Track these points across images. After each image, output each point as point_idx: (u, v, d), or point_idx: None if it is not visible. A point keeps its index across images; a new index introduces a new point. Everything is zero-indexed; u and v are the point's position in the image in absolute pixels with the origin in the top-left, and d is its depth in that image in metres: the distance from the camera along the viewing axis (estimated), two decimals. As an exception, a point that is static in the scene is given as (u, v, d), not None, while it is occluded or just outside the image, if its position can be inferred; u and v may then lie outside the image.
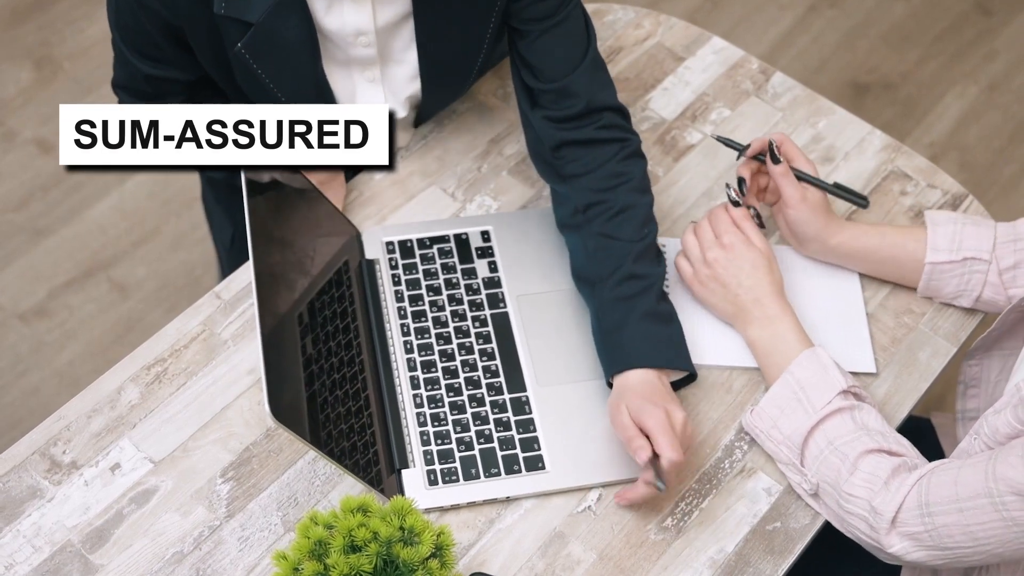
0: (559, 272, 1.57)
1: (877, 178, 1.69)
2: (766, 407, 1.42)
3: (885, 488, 1.32)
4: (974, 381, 1.62)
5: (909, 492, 1.31)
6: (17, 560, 1.33)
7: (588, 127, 1.51)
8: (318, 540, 1.20)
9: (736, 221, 1.52)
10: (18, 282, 2.61)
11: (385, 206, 1.63)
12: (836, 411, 1.38)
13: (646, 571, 1.36)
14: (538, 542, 1.37)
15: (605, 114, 1.52)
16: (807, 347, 1.44)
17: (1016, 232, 1.52)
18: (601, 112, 1.51)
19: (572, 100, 1.50)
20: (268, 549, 1.35)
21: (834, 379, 1.40)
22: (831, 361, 1.42)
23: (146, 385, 1.46)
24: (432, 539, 1.20)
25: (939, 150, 2.91)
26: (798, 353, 1.43)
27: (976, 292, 1.53)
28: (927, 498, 1.29)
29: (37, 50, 2.98)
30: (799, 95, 1.77)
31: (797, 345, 1.44)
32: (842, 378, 1.40)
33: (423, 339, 1.50)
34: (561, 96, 1.50)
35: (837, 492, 1.36)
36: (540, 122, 1.52)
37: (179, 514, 1.37)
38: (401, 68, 1.55)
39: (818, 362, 1.42)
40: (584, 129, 1.51)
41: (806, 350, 1.43)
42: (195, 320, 1.51)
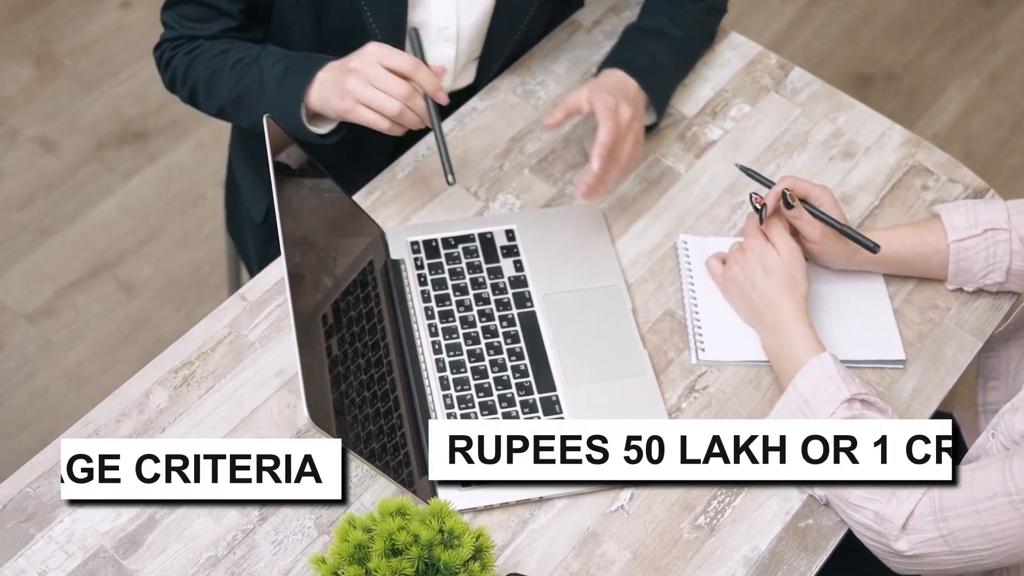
0: (586, 270, 1.57)
1: (898, 173, 1.69)
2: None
3: (893, 496, 1.32)
4: (993, 373, 1.62)
5: (921, 499, 1.30)
6: (51, 567, 1.32)
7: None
8: (358, 544, 1.19)
9: (765, 227, 1.51)
10: (24, 282, 2.59)
11: (408, 206, 1.62)
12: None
13: (680, 570, 1.36)
14: (572, 542, 1.37)
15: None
16: (815, 354, 1.42)
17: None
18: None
19: None
20: (303, 552, 1.34)
21: (838, 389, 1.38)
22: (836, 369, 1.40)
23: (174, 388, 1.45)
24: (472, 541, 1.20)
25: (943, 142, 2.92)
26: (805, 361, 1.42)
27: (1005, 263, 1.52)
28: (941, 503, 1.29)
29: (37, 47, 2.96)
30: (818, 90, 1.77)
31: (804, 353, 1.42)
32: (846, 386, 1.38)
33: (451, 339, 1.50)
34: None
35: (843, 502, 1.36)
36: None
37: (212, 518, 1.36)
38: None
39: (823, 371, 1.40)
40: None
41: (813, 358, 1.41)
42: (221, 322, 1.51)
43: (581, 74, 1.77)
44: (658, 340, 1.52)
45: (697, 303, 1.55)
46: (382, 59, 1.46)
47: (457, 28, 1.62)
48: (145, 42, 2.98)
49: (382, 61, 1.46)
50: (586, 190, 1.53)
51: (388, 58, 1.46)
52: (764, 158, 1.69)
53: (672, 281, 1.58)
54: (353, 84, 1.46)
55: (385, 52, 1.46)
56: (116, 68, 2.95)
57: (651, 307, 1.55)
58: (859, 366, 1.51)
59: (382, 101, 1.45)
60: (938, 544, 1.30)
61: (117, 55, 2.97)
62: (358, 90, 1.46)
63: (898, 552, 1.32)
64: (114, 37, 3.00)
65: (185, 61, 1.61)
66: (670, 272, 1.58)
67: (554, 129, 1.67)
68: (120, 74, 2.94)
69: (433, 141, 1.68)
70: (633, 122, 1.57)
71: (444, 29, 1.62)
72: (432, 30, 1.62)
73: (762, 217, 1.49)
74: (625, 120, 1.55)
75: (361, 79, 1.46)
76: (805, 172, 1.68)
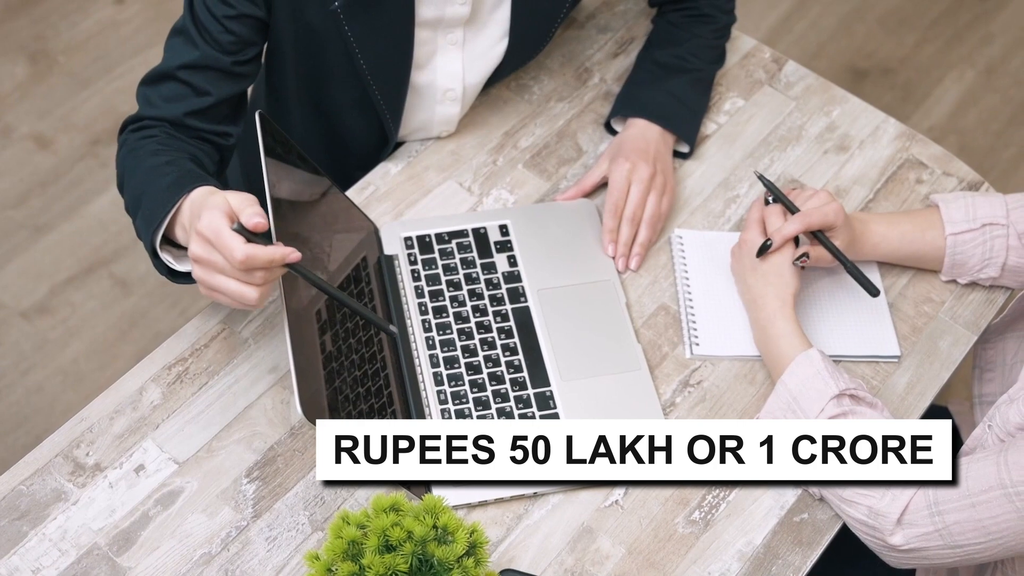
0: (579, 265, 1.56)
1: (892, 166, 1.69)
2: (765, 419, 1.42)
3: (887, 491, 1.32)
4: (990, 365, 1.62)
5: (916, 494, 1.30)
6: (44, 564, 1.32)
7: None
8: (351, 540, 1.19)
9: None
10: (20, 279, 2.59)
11: (401, 201, 1.62)
12: (829, 419, 1.36)
13: (675, 564, 1.36)
14: (567, 537, 1.37)
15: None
16: (802, 350, 1.41)
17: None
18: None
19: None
20: (297, 549, 1.34)
21: (826, 384, 1.37)
22: (824, 365, 1.39)
23: (168, 385, 1.45)
24: (466, 537, 1.20)
25: (938, 134, 2.92)
26: (792, 358, 1.41)
27: (1001, 258, 1.52)
28: (935, 497, 1.29)
29: (31, 44, 2.95)
30: (812, 84, 1.77)
31: (790, 350, 1.42)
32: (834, 382, 1.37)
33: (445, 335, 1.49)
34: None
35: (838, 498, 1.36)
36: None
37: (205, 515, 1.36)
38: (485, 31, 1.56)
39: (811, 367, 1.39)
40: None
41: (800, 354, 1.41)
42: (215, 319, 1.50)
43: (575, 69, 1.76)
44: (652, 335, 1.52)
45: (692, 298, 1.54)
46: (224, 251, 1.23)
47: (463, 88, 1.60)
48: (139, 39, 2.98)
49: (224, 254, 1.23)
50: (612, 248, 1.58)
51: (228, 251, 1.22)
52: (758, 152, 1.69)
53: (667, 276, 1.58)
54: (198, 274, 1.27)
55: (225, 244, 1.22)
56: (110, 65, 2.94)
57: (645, 302, 1.55)
58: (854, 360, 1.51)
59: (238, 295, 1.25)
60: (933, 538, 1.30)
61: (111, 52, 2.96)
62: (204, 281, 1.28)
63: (893, 547, 1.32)
64: (108, 34, 3.00)
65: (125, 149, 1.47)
66: (664, 267, 1.58)
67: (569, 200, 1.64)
68: (114, 71, 2.93)
69: (431, 140, 1.67)
70: (656, 177, 1.59)
71: (450, 91, 1.60)
72: (437, 92, 1.60)
73: (761, 251, 1.48)
74: (643, 179, 1.57)
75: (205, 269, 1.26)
76: (799, 166, 1.68)
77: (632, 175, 1.57)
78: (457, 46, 1.55)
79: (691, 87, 1.68)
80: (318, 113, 1.63)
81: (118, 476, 1.38)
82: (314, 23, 1.47)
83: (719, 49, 1.74)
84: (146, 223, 1.35)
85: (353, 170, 1.69)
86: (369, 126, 1.62)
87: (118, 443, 1.40)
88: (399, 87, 1.56)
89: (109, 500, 1.36)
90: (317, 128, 1.65)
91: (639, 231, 1.57)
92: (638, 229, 1.58)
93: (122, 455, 1.40)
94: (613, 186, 1.57)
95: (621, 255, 1.57)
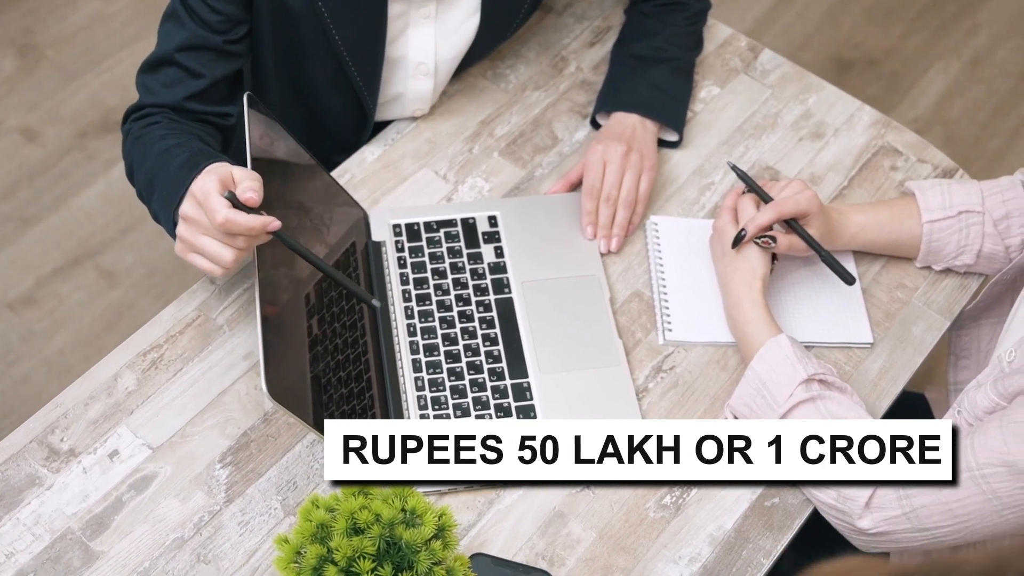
0: (565, 259, 1.57)
1: (867, 154, 1.69)
2: (736, 405, 1.42)
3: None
4: (965, 352, 1.63)
5: None
6: (17, 548, 1.33)
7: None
8: (320, 523, 1.20)
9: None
10: (6, 271, 2.59)
11: (377, 188, 1.63)
12: (798, 403, 1.36)
13: (646, 548, 1.36)
14: (538, 522, 1.38)
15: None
16: (770, 336, 1.42)
17: (1000, 186, 1.53)
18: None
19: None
20: (269, 533, 1.35)
21: (795, 369, 1.38)
22: (792, 350, 1.40)
23: (142, 371, 1.46)
24: (434, 520, 1.21)
25: (924, 125, 2.92)
26: (760, 344, 1.42)
27: (976, 245, 1.53)
28: None
29: (20, 37, 2.96)
30: (788, 72, 1.78)
31: (758, 336, 1.42)
32: (802, 367, 1.38)
33: (426, 322, 1.50)
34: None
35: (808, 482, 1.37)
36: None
37: (179, 500, 1.37)
38: (457, 5, 1.57)
39: (779, 352, 1.40)
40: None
41: (769, 340, 1.41)
42: (190, 306, 1.51)
43: (551, 58, 1.77)
44: (626, 321, 1.53)
45: (665, 284, 1.55)
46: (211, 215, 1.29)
47: (435, 63, 1.62)
48: (127, 32, 2.98)
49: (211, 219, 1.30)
50: (592, 231, 1.59)
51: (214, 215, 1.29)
52: (734, 139, 1.70)
53: (640, 262, 1.58)
54: (183, 231, 1.34)
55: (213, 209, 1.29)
56: (98, 58, 2.95)
57: (619, 288, 1.56)
58: (827, 346, 1.52)
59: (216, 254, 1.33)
60: (901, 522, 1.30)
61: (99, 45, 2.97)
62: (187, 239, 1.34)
63: (862, 530, 1.33)
64: (96, 27, 3.00)
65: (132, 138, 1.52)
66: (638, 253, 1.59)
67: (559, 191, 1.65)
68: (102, 64, 2.93)
69: (406, 127, 1.68)
70: (630, 155, 1.59)
71: (422, 64, 1.61)
72: (410, 65, 1.61)
73: (736, 242, 1.48)
74: (615, 159, 1.58)
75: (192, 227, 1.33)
76: (774, 153, 1.69)
77: (605, 155, 1.58)
78: (429, 20, 1.57)
79: (672, 76, 1.68)
80: (297, 93, 1.64)
81: (92, 461, 1.39)
82: (289, 1, 1.50)
83: (695, 36, 1.74)
84: (164, 203, 1.40)
85: (333, 153, 1.70)
86: (347, 105, 1.63)
87: (92, 429, 1.41)
88: (374, 62, 1.57)
89: (83, 485, 1.37)
90: (297, 109, 1.67)
91: (616, 211, 1.58)
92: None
93: (96, 441, 1.40)
94: (587, 168, 1.59)
95: (602, 236, 1.58)
